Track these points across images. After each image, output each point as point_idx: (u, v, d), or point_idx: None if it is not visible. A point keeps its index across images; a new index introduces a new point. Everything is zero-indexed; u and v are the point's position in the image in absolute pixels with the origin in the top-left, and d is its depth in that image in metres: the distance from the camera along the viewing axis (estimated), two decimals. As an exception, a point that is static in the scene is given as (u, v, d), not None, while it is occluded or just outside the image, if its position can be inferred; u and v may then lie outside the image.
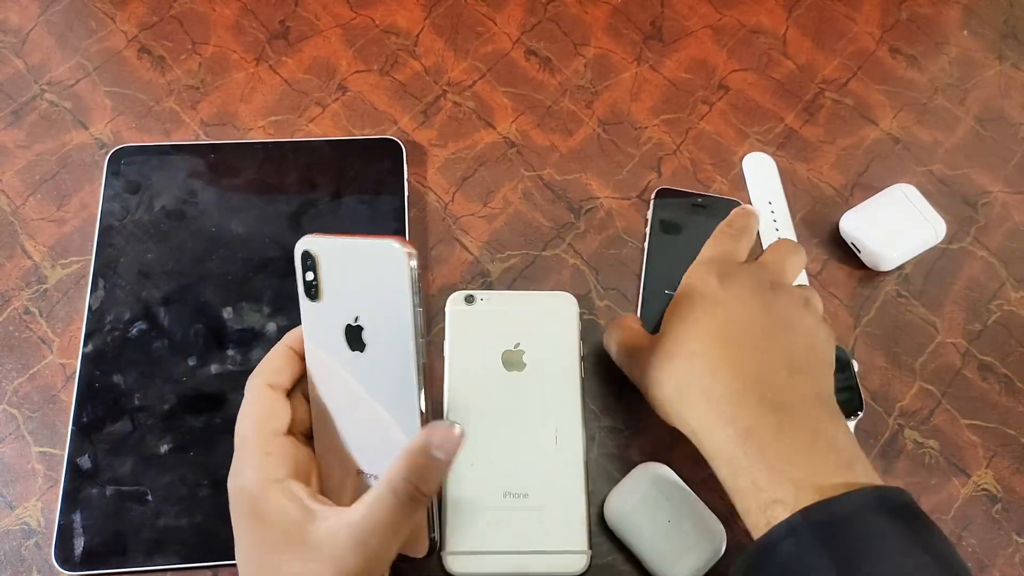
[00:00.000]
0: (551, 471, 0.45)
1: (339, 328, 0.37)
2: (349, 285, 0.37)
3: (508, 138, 0.56)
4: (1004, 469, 0.48)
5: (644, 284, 0.50)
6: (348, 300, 0.37)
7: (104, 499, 0.44)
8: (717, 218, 0.49)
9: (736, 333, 0.41)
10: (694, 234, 0.50)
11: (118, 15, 0.59)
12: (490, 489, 0.44)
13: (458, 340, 0.48)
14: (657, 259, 0.51)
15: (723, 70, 0.59)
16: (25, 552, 0.44)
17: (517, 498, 0.44)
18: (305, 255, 0.37)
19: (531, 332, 0.48)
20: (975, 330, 0.51)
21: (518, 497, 0.44)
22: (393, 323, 0.35)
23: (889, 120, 0.58)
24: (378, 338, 0.36)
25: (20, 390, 0.48)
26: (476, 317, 0.48)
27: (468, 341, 0.48)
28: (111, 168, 0.53)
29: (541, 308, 0.49)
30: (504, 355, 0.47)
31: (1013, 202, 0.55)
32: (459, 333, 0.48)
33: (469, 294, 0.49)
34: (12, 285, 0.50)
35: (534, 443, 0.45)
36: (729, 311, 0.42)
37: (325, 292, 0.37)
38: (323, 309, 0.37)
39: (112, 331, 0.48)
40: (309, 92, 0.57)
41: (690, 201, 0.52)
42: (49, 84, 0.56)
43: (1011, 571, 0.46)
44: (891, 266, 0.52)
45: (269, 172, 0.53)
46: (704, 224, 0.49)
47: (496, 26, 0.60)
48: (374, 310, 0.36)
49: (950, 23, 0.62)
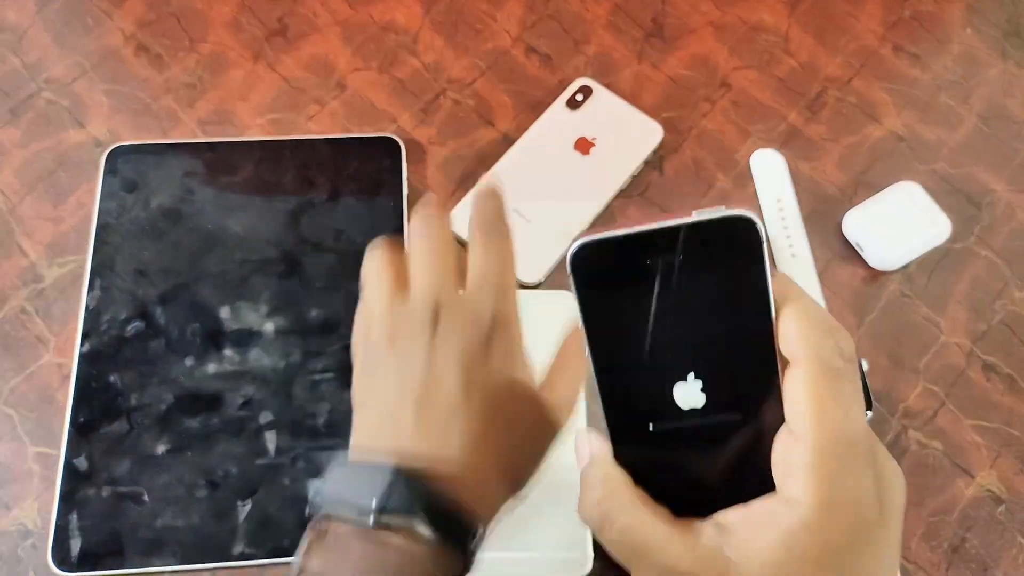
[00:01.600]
0: (553, 473, 0.44)
1: None
2: None
3: (508, 136, 0.55)
4: (1008, 470, 0.48)
5: (598, 377, 0.27)
6: None
7: (101, 500, 0.44)
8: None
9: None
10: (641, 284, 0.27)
11: (115, 12, 0.59)
12: None
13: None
14: (605, 335, 0.27)
15: (725, 68, 0.58)
16: (21, 553, 0.44)
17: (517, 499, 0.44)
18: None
19: (532, 332, 0.47)
20: (979, 330, 0.51)
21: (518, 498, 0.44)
22: None
23: (892, 118, 0.57)
24: None
25: (16, 390, 0.47)
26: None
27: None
28: (108, 166, 0.52)
29: (540, 308, 0.48)
30: None
31: (1017, 201, 0.55)
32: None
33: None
34: (8, 284, 0.50)
35: None
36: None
37: None
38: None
39: (109, 330, 0.48)
40: (307, 90, 0.56)
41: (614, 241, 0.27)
42: (46, 82, 0.56)
43: (1015, 572, 0.45)
44: (895, 265, 0.51)
45: (267, 170, 0.52)
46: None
47: (496, 23, 0.59)
48: None
49: (953, 21, 0.61)
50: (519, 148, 0.54)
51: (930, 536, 0.46)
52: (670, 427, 0.26)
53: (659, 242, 0.25)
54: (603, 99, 0.55)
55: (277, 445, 0.45)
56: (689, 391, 0.26)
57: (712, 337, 0.26)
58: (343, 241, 0.50)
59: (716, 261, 0.25)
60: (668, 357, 0.26)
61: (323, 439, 0.46)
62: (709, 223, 0.25)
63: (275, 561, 0.43)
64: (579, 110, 0.55)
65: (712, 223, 0.25)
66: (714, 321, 0.26)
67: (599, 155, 0.53)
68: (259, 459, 0.45)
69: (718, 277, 0.25)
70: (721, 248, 0.25)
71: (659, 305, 0.25)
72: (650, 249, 0.25)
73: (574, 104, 0.55)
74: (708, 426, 0.26)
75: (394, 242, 0.35)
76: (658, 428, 0.26)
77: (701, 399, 0.26)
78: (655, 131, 0.54)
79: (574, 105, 0.55)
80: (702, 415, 0.26)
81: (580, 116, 0.55)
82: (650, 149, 0.54)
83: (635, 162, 0.53)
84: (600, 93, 0.55)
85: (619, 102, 0.55)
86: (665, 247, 0.25)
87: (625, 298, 0.25)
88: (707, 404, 0.26)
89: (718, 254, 0.25)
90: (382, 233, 0.50)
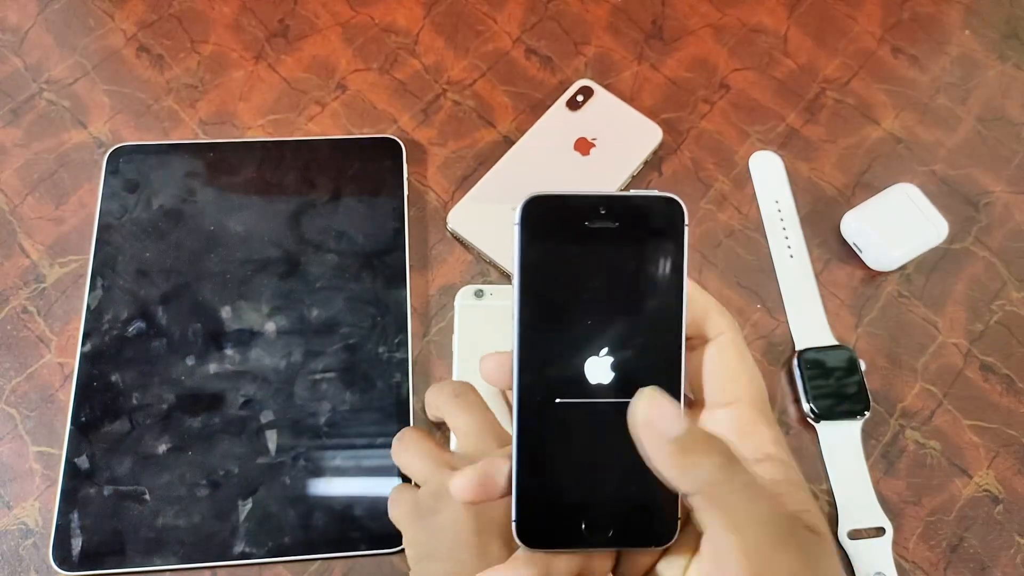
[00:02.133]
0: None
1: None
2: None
3: (508, 137, 0.55)
4: (1006, 470, 0.48)
5: (519, 336, 0.27)
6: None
7: (102, 499, 0.44)
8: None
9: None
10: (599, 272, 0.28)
11: (117, 13, 0.59)
12: None
13: (466, 335, 0.47)
14: (535, 295, 0.27)
15: (724, 69, 0.59)
16: (23, 552, 0.44)
17: None
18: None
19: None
20: (977, 330, 0.51)
21: None
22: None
23: (891, 120, 0.57)
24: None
25: (18, 389, 0.48)
26: (485, 312, 0.48)
27: (477, 336, 0.47)
28: (110, 167, 0.52)
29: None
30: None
31: (1015, 202, 0.55)
32: (467, 328, 0.47)
33: (479, 288, 0.48)
34: (10, 284, 0.50)
35: None
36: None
37: None
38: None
39: (110, 330, 0.48)
40: (308, 91, 0.57)
41: (562, 199, 0.28)
42: (48, 83, 0.56)
43: (1013, 572, 0.45)
44: (893, 266, 0.52)
45: (268, 171, 0.53)
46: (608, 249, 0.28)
47: (496, 24, 0.60)
48: None
49: (952, 23, 0.61)
50: (519, 148, 0.54)
51: (928, 536, 0.46)
52: (576, 402, 0.27)
53: (601, 206, 0.27)
54: (603, 100, 0.55)
55: (278, 444, 0.45)
56: (600, 365, 0.27)
57: (627, 312, 0.27)
58: (344, 241, 0.51)
59: (645, 236, 0.27)
60: (586, 329, 0.27)
61: (324, 438, 0.46)
62: (645, 198, 0.27)
63: (276, 560, 0.43)
64: (579, 111, 0.55)
65: (648, 199, 0.27)
66: (632, 298, 0.27)
67: (599, 156, 0.54)
68: (260, 458, 0.45)
69: (643, 253, 0.27)
70: (650, 224, 0.27)
71: (587, 272, 0.27)
72: (592, 213, 0.27)
73: (574, 105, 0.55)
74: (612, 406, 0.26)
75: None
76: (564, 401, 0.27)
77: (609, 376, 0.27)
78: (655, 132, 0.54)
79: (574, 106, 0.55)
80: (609, 394, 0.26)
81: (580, 117, 0.55)
82: (650, 150, 0.54)
83: (634, 163, 0.54)
84: (600, 94, 0.55)
85: (619, 103, 0.55)
86: (605, 213, 0.27)
87: (560, 259, 0.27)
88: (614, 382, 0.27)
89: (647, 230, 0.27)
90: (383, 233, 0.51)
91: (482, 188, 0.53)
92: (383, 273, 0.50)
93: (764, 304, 0.51)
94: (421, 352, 0.49)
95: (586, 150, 0.54)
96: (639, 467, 0.25)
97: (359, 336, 0.48)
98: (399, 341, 0.48)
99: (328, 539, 0.44)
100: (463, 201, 0.52)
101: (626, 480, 0.26)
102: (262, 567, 0.44)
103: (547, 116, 0.55)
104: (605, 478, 0.27)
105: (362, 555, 0.44)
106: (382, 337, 0.48)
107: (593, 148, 0.54)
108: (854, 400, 0.47)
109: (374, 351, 0.48)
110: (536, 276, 0.27)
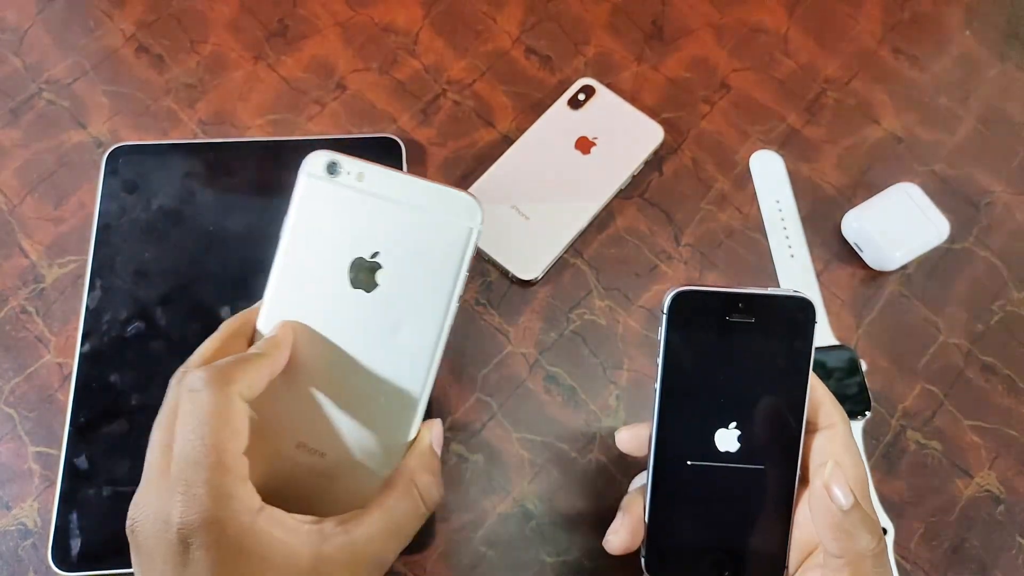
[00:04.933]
0: (348, 431, 0.35)
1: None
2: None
3: (508, 137, 0.55)
4: (1007, 470, 0.48)
5: (659, 409, 0.32)
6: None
7: (101, 499, 0.44)
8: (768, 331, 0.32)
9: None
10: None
11: (116, 13, 0.59)
12: (283, 437, 0.35)
13: (303, 224, 0.36)
14: (675, 373, 0.32)
15: (724, 69, 0.59)
16: (21, 553, 0.44)
17: (312, 454, 0.35)
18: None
19: (401, 240, 0.35)
20: (978, 331, 0.51)
21: (313, 453, 0.35)
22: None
23: (891, 120, 0.57)
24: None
25: (17, 390, 0.47)
26: (337, 198, 0.35)
27: (316, 229, 0.36)
28: (109, 167, 0.52)
29: (429, 208, 0.35)
30: (354, 264, 0.35)
31: (1016, 202, 0.55)
32: (307, 215, 0.36)
33: (332, 162, 0.36)
34: (9, 284, 0.50)
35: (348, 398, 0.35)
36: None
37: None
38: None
39: (109, 331, 0.48)
40: (308, 91, 0.57)
41: (706, 295, 0.32)
42: (47, 83, 0.56)
43: (1014, 572, 0.45)
44: (894, 266, 0.51)
45: (267, 171, 0.53)
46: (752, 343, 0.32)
47: (496, 24, 0.59)
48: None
49: (952, 23, 0.61)
50: (521, 145, 0.54)
51: (929, 536, 0.46)
52: (704, 465, 0.31)
53: (740, 302, 0.31)
54: (605, 99, 0.55)
55: (277, 445, 0.45)
56: (728, 436, 0.31)
57: (757, 394, 0.31)
58: (343, 241, 0.51)
59: (777, 330, 0.31)
60: (719, 403, 0.31)
61: (323, 439, 0.46)
62: (780, 297, 0.31)
63: (275, 561, 0.43)
64: (581, 109, 0.55)
65: (782, 298, 0.31)
66: (762, 381, 0.31)
67: (599, 155, 0.54)
68: (259, 459, 0.45)
69: (774, 344, 0.31)
70: (782, 320, 0.31)
71: (723, 357, 0.31)
72: (731, 307, 0.31)
73: (576, 103, 0.55)
74: (735, 471, 0.31)
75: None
76: (694, 463, 0.31)
77: (736, 445, 0.31)
78: (656, 132, 0.54)
79: (576, 104, 0.55)
80: (733, 460, 0.31)
81: (582, 115, 0.55)
82: (650, 150, 0.54)
83: (635, 162, 0.53)
84: (602, 93, 0.55)
85: (621, 103, 0.55)
86: (744, 308, 0.31)
87: (700, 345, 0.31)
88: (739, 451, 0.31)
89: (780, 325, 0.31)
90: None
91: (483, 185, 0.52)
92: (383, 273, 0.50)
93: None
94: (421, 352, 0.49)
95: (587, 149, 0.54)
96: (753, 521, 0.31)
97: (359, 336, 0.48)
98: (399, 341, 0.48)
99: (328, 540, 0.44)
100: None
101: (741, 531, 0.31)
102: (261, 568, 0.44)
103: (548, 114, 0.55)
104: (723, 527, 0.31)
105: (362, 556, 0.44)
106: (382, 337, 0.48)
107: (594, 147, 0.54)
108: (855, 400, 0.47)
109: (374, 351, 0.48)
110: (678, 359, 0.31)
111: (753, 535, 0.31)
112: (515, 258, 0.50)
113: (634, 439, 0.33)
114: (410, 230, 0.35)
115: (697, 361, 0.31)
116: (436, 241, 0.35)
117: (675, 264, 0.52)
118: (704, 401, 0.31)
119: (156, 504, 0.30)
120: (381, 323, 0.34)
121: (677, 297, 0.31)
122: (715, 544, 0.31)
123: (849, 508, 0.29)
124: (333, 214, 0.35)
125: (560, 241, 0.51)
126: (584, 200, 0.52)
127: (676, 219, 0.54)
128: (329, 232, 0.35)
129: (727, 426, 0.31)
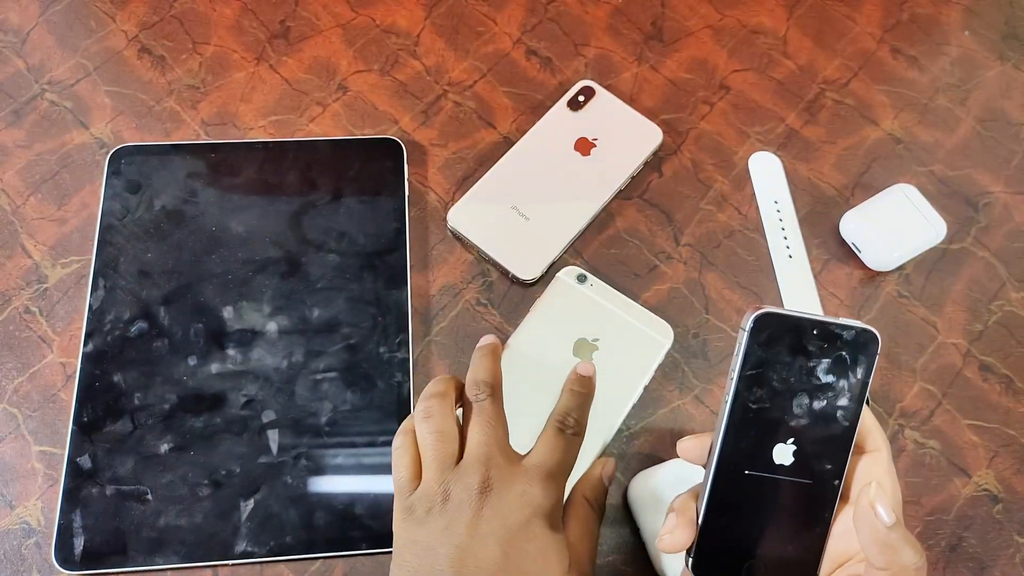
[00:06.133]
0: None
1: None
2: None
3: (509, 138, 0.56)
4: (1005, 469, 0.48)
5: (728, 418, 0.33)
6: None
7: (104, 498, 0.44)
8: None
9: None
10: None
11: (118, 15, 0.59)
12: None
13: (549, 307, 0.49)
14: (749, 386, 0.33)
15: (724, 70, 0.59)
16: (25, 551, 0.44)
17: None
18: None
19: (615, 336, 0.48)
20: (976, 330, 0.51)
21: None
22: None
23: (890, 120, 0.58)
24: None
25: (20, 389, 0.48)
26: (575, 296, 0.49)
27: (557, 312, 0.49)
28: (111, 168, 0.53)
29: (637, 321, 0.49)
30: (578, 341, 0.48)
31: (1014, 202, 0.55)
32: (553, 301, 0.49)
33: (583, 274, 0.50)
34: (12, 284, 0.50)
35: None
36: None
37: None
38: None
39: (112, 330, 0.48)
40: (309, 92, 0.57)
41: (787, 318, 0.33)
42: (49, 84, 0.56)
43: (1012, 571, 0.46)
44: (892, 266, 0.52)
45: (269, 172, 0.53)
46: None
47: (497, 26, 0.60)
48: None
49: (951, 23, 0.62)
50: (520, 147, 0.54)
51: (927, 535, 0.46)
52: (760, 475, 0.33)
53: (815, 328, 0.33)
54: (605, 100, 0.56)
55: (279, 444, 0.46)
56: (784, 451, 0.33)
57: (817, 414, 0.33)
58: (345, 242, 0.51)
59: (844, 358, 0.33)
60: (780, 421, 0.33)
61: (325, 438, 0.46)
62: (851, 328, 0.33)
63: (277, 559, 0.44)
64: (581, 111, 0.55)
65: (853, 328, 0.33)
66: (823, 402, 0.33)
67: (599, 156, 0.54)
68: (262, 458, 0.45)
69: (840, 369, 0.33)
70: (850, 350, 0.33)
71: (793, 377, 0.33)
72: (807, 332, 0.33)
73: (576, 105, 0.55)
74: (787, 483, 0.33)
75: (445, 408, 0.38)
76: (751, 473, 0.33)
77: (790, 459, 0.33)
78: (655, 133, 0.55)
79: (576, 106, 0.55)
80: (785, 472, 0.33)
81: (581, 117, 0.55)
82: (650, 151, 0.54)
83: (634, 163, 0.54)
84: (602, 95, 0.56)
85: (620, 104, 0.55)
86: (818, 335, 0.33)
87: (774, 364, 0.33)
88: (792, 465, 0.33)
89: (847, 353, 0.33)
90: (384, 233, 0.51)
91: (483, 186, 0.53)
92: (384, 273, 0.50)
93: (763, 304, 0.52)
94: (422, 352, 0.49)
95: (586, 150, 0.54)
96: (795, 530, 0.33)
97: (360, 336, 0.48)
98: (400, 341, 0.48)
99: (329, 538, 0.44)
100: (464, 199, 0.52)
101: (786, 539, 0.33)
102: (263, 566, 0.44)
103: (548, 116, 0.55)
104: (771, 534, 0.33)
105: (363, 554, 0.44)
106: (383, 337, 0.48)
107: (594, 148, 0.54)
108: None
109: (375, 351, 0.48)
110: (752, 375, 0.33)
111: (792, 543, 0.34)
112: (515, 258, 0.51)
113: (698, 448, 0.35)
114: (623, 332, 0.48)
115: (769, 379, 0.33)
116: (639, 344, 0.48)
117: (674, 264, 0.52)
118: (769, 416, 0.33)
119: None
120: None
121: (760, 318, 0.33)
122: (758, 550, 0.34)
123: (892, 525, 0.31)
124: (573, 305, 0.49)
125: (560, 241, 0.51)
126: (584, 201, 0.53)
127: (675, 219, 0.54)
128: (567, 316, 0.49)
129: (785, 441, 0.33)
